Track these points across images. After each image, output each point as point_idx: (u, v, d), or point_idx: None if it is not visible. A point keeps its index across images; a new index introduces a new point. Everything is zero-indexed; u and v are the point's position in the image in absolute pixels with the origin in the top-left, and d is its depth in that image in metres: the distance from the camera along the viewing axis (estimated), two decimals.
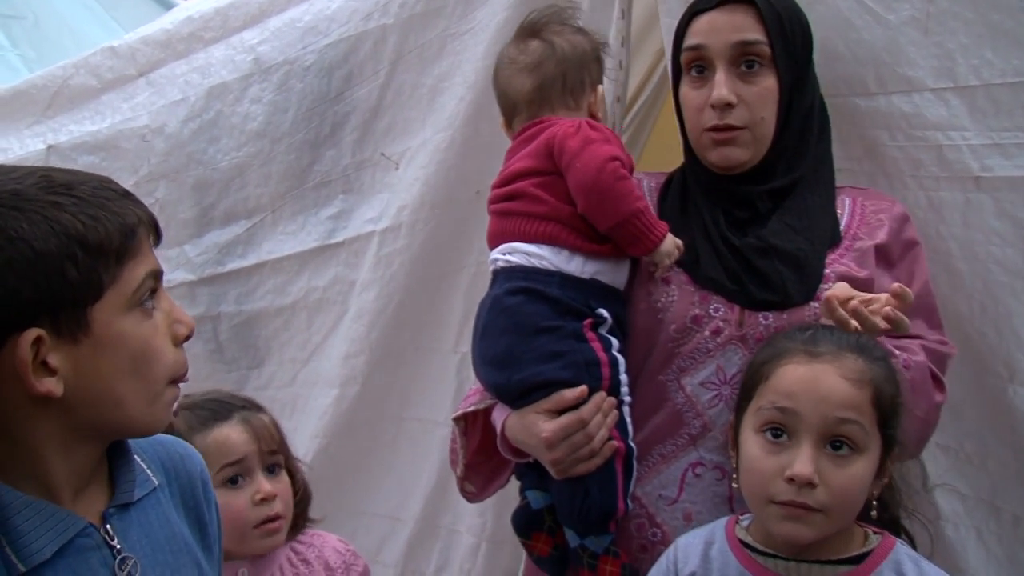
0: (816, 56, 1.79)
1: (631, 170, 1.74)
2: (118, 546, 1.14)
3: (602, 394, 1.66)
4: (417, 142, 2.47)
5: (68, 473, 1.12)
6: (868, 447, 1.42)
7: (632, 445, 1.69)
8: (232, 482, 1.75)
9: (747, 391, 1.52)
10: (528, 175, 1.73)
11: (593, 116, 1.79)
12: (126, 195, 1.12)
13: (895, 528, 1.54)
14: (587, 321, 1.68)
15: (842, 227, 1.75)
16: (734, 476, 1.54)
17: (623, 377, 1.69)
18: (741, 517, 1.54)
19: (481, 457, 1.83)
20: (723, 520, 1.56)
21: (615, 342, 1.70)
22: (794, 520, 1.40)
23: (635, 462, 1.69)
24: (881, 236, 1.73)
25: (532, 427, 1.65)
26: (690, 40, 1.74)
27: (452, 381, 2.53)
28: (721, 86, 1.69)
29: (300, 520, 1.86)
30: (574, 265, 1.69)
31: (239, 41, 2.71)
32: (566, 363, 1.65)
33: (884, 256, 1.73)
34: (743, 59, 1.69)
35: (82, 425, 1.11)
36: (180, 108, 2.77)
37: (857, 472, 1.41)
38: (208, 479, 1.36)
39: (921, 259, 1.77)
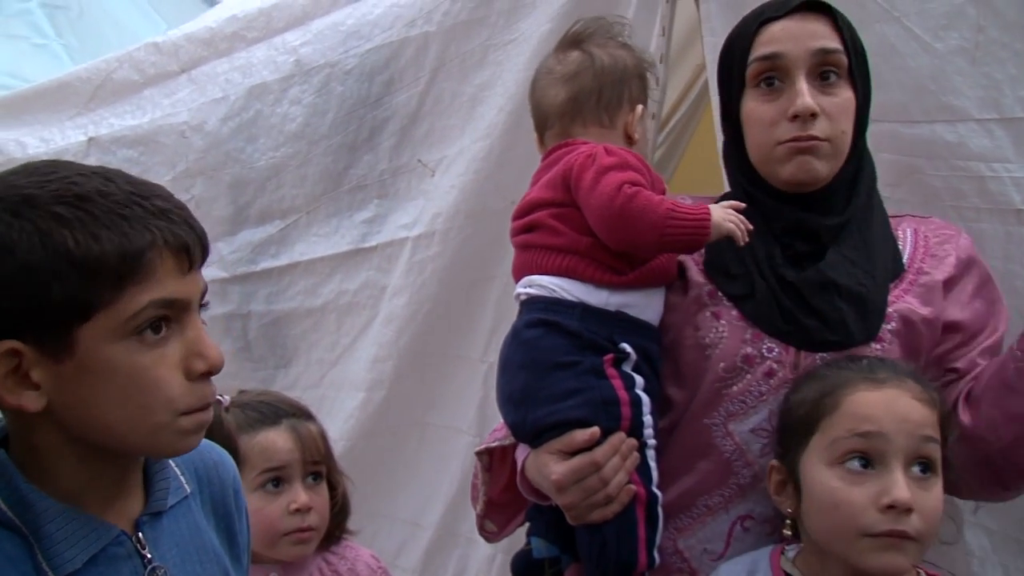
0: None
1: (662, 190, 1.63)
2: (149, 555, 1.12)
3: (620, 435, 1.53)
4: (455, 150, 2.47)
5: (89, 481, 1.09)
6: (940, 470, 1.39)
7: (656, 492, 1.57)
8: (273, 484, 1.75)
9: (807, 427, 1.44)
10: (545, 206, 1.63)
11: (629, 137, 1.69)
12: (159, 213, 1.04)
13: None
14: (608, 356, 1.56)
15: (905, 259, 1.64)
16: (786, 523, 1.48)
17: (647, 419, 1.57)
18: (787, 548, 1.48)
19: (509, 496, 1.73)
20: (766, 550, 1.50)
21: (639, 380, 1.58)
22: (894, 550, 1.34)
23: (660, 510, 1.57)
24: (948, 270, 1.63)
25: (543, 468, 1.54)
26: (761, 50, 1.59)
27: (478, 390, 2.52)
28: (805, 95, 1.54)
29: (336, 531, 1.86)
30: (598, 297, 1.59)
31: (281, 42, 2.73)
32: (581, 401, 1.54)
33: (953, 287, 1.63)
34: (822, 68, 1.57)
35: (82, 441, 1.07)
36: (220, 106, 2.79)
37: (939, 495, 1.37)
38: (240, 487, 1.32)
39: (1002, 302, 1.68)
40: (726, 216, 1.55)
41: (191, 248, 1.07)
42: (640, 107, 1.71)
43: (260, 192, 2.74)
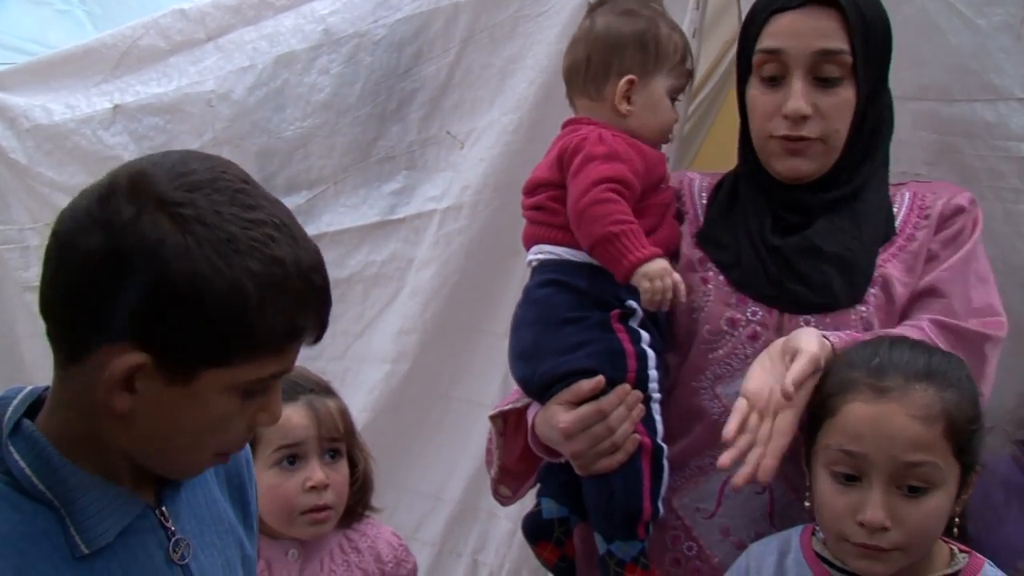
0: (900, 59, 1.72)
1: (660, 180, 1.67)
2: (172, 528, 1.13)
3: (625, 386, 1.58)
4: (484, 123, 2.46)
5: (128, 458, 1.09)
6: (945, 481, 1.35)
7: (661, 444, 1.61)
8: (289, 462, 1.74)
9: (814, 419, 1.44)
10: (545, 187, 1.68)
11: (616, 110, 1.67)
12: (319, 292, 1.05)
13: None
14: (614, 312, 1.62)
15: (898, 223, 1.64)
16: (807, 495, 1.47)
17: (652, 372, 1.62)
18: (817, 529, 1.48)
19: (524, 465, 1.77)
20: (798, 528, 1.51)
21: (645, 335, 1.62)
22: (870, 559, 1.36)
23: (665, 462, 1.61)
24: (932, 225, 1.62)
25: (552, 419, 1.59)
26: (767, 42, 1.61)
27: (502, 364, 2.48)
28: (798, 97, 1.56)
29: (358, 508, 1.85)
30: None
31: (310, 11, 2.70)
32: (588, 352, 1.59)
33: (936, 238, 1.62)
34: (822, 69, 1.57)
35: (133, 440, 1.06)
36: (247, 75, 2.77)
37: (934, 506, 1.35)
38: (251, 459, 1.33)
39: (967, 227, 1.63)
40: (655, 273, 1.55)
41: (323, 330, 1.08)
42: (629, 77, 1.65)
43: (287, 162, 2.73)
